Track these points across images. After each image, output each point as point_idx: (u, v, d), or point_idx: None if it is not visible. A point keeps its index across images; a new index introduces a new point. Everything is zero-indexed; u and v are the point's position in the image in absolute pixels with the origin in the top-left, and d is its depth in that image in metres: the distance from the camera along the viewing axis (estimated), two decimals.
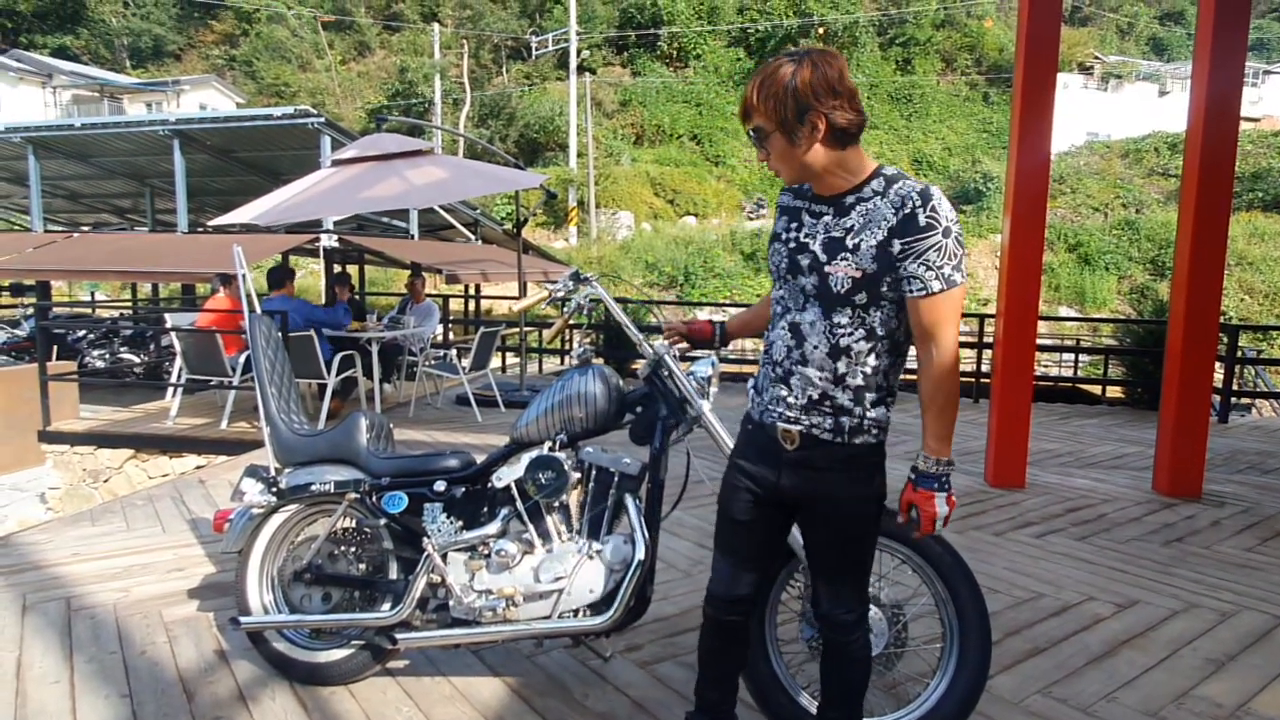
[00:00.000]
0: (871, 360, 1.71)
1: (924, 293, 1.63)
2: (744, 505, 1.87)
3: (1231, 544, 4.07)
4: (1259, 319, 23.22)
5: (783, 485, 1.80)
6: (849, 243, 1.66)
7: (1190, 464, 4.89)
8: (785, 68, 1.61)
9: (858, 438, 1.75)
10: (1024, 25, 4.88)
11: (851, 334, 1.69)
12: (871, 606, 2.19)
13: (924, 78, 34.77)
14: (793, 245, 1.75)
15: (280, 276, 6.93)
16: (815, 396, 1.73)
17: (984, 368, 8.56)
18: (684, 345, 2.29)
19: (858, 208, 1.68)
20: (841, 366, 1.71)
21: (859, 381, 1.72)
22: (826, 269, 1.68)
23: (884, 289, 1.66)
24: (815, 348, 1.72)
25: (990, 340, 7.24)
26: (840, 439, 1.74)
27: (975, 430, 6.68)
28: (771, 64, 1.65)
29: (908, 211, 1.62)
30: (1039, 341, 5.53)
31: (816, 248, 1.70)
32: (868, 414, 1.74)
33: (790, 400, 1.76)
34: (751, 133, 1.70)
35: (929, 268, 1.62)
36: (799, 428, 1.75)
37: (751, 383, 1.93)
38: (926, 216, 1.61)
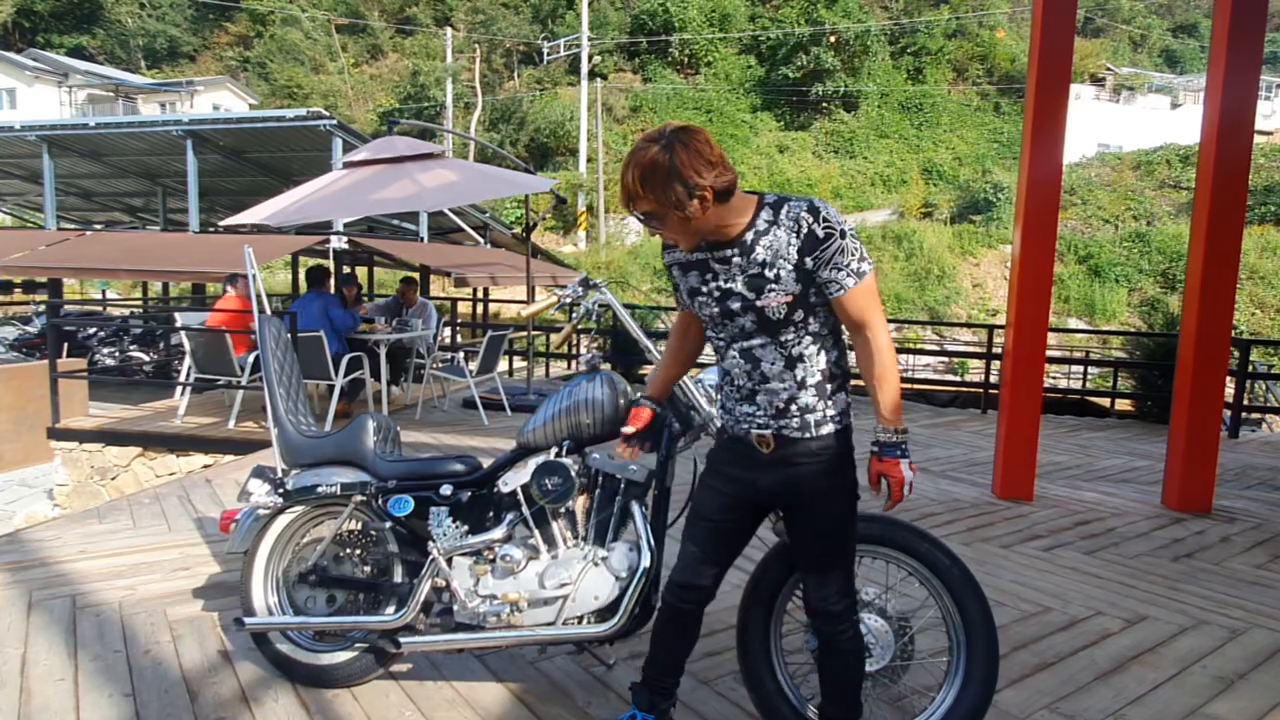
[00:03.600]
0: (823, 357, 1.89)
1: (843, 291, 1.82)
2: (716, 505, 2.02)
3: (1242, 560, 4.03)
4: (1270, 334, 23.06)
5: (761, 484, 1.95)
6: (769, 274, 1.81)
7: (1200, 479, 4.85)
8: (658, 154, 1.70)
9: (824, 428, 1.90)
10: (1037, 36, 4.86)
11: (800, 343, 1.87)
12: (878, 618, 2.19)
13: (935, 87, 34.71)
14: (718, 294, 1.88)
15: (320, 276, 7.32)
16: (782, 405, 1.89)
17: (993, 379, 8.52)
18: (646, 445, 2.23)
19: (760, 242, 1.82)
20: (800, 372, 1.88)
21: (818, 379, 1.88)
22: (759, 303, 1.83)
23: (812, 299, 1.83)
24: (772, 364, 1.88)
25: (999, 351, 7.21)
26: (808, 433, 1.89)
27: (983, 441, 6.65)
28: (641, 151, 1.73)
29: (805, 230, 1.79)
30: (1048, 353, 5.50)
31: (742, 289, 1.84)
32: (830, 405, 1.90)
33: (759, 413, 1.91)
34: (641, 216, 1.80)
35: (839, 269, 1.80)
36: (770, 431, 1.91)
37: (720, 402, 2.07)
38: (823, 228, 1.79)
